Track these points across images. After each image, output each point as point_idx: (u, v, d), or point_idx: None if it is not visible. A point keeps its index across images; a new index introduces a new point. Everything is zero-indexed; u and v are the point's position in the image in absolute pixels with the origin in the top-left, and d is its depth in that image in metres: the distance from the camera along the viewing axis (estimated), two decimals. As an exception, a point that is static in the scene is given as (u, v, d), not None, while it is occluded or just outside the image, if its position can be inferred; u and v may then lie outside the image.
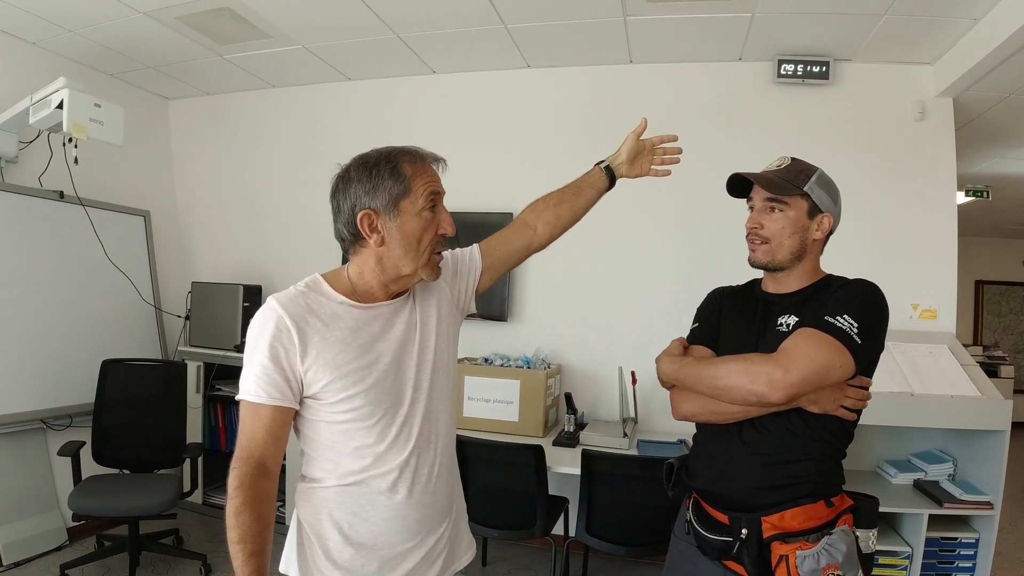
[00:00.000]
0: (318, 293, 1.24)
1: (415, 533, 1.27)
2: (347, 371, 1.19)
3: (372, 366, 1.22)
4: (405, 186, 1.21)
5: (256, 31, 3.39)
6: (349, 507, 1.22)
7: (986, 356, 7.44)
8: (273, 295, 1.22)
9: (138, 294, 3.95)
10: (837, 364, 1.32)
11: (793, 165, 1.49)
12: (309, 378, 1.18)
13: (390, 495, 1.23)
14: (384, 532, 1.23)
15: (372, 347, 1.24)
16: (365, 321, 1.25)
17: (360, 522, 1.22)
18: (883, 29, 3.00)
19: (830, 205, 1.48)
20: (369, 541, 1.23)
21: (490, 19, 3.19)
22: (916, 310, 3.29)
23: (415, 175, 1.22)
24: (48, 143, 3.44)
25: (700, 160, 3.52)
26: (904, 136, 3.34)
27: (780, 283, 1.53)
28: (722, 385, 1.39)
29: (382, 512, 1.23)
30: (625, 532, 2.72)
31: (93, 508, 3.00)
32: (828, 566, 1.30)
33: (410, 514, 1.26)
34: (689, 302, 1.77)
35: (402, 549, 1.25)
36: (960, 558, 2.80)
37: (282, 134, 4.36)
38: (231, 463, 1.16)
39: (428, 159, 1.27)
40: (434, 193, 1.24)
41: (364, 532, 1.23)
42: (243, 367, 1.20)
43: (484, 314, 3.75)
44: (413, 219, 1.22)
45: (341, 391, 1.19)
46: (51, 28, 3.35)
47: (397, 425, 1.24)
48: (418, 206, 1.22)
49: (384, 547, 1.24)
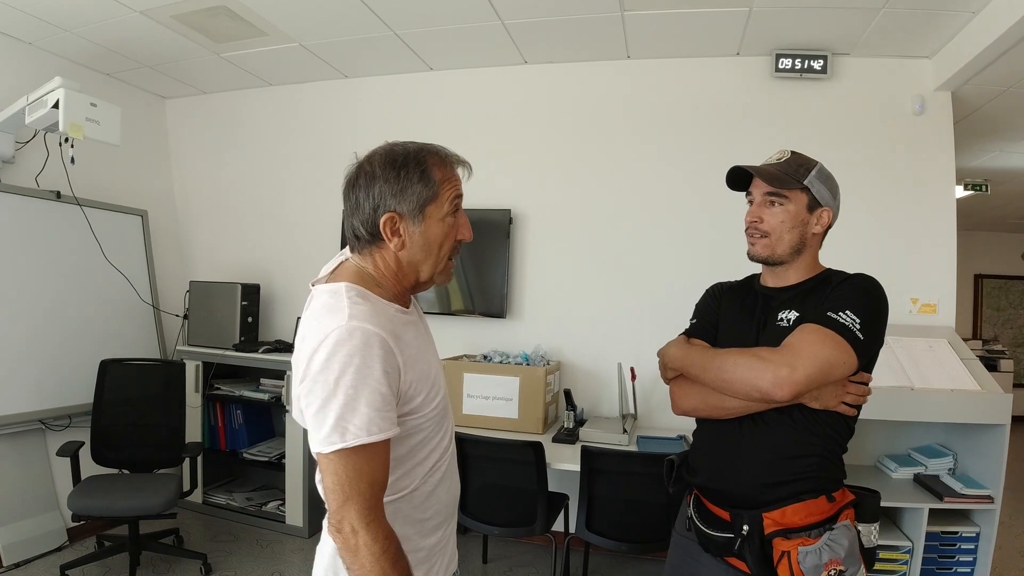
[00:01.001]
0: (376, 305, 1.13)
1: (439, 527, 1.27)
2: (430, 378, 1.18)
3: (434, 369, 1.22)
4: (434, 191, 1.14)
5: (253, 29, 3.38)
6: (414, 515, 1.21)
7: (985, 350, 7.44)
8: (347, 315, 1.05)
9: (136, 294, 3.94)
10: (841, 361, 1.32)
11: (793, 159, 1.48)
12: (409, 395, 1.12)
13: (439, 493, 1.24)
14: (427, 531, 1.23)
15: (425, 350, 1.22)
16: (411, 325, 1.22)
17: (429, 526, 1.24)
18: (881, 23, 2.99)
19: (829, 199, 1.47)
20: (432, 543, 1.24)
21: (487, 15, 3.18)
22: (915, 304, 3.28)
23: (443, 179, 1.16)
24: (45, 143, 3.42)
25: (698, 155, 3.54)
26: (903, 130, 3.33)
27: (779, 277, 1.52)
28: (728, 377, 1.38)
29: (429, 510, 1.23)
30: (625, 528, 2.72)
31: (93, 508, 2.99)
32: (830, 561, 1.30)
33: (444, 510, 1.28)
34: (689, 298, 1.76)
35: (431, 541, 1.25)
36: (961, 552, 2.80)
37: (279, 132, 4.35)
38: (345, 525, 1.01)
39: (455, 162, 1.21)
40: (458, 197, 1.20)
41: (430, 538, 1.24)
42: (332, 402, 1.01)
43: (483, 311, 3.75)
44: (437, 224, 1.16)
45: (432, 399, 1.18)
46: (47, 28, 3.34)
47: (447, 430, 1.27)
48: (443, 211, 1.16)
49: (417, 563, 1.20)
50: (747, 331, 1.50)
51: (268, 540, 3.66)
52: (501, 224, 3.73)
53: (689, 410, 1.54)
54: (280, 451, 3.87)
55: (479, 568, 3.44)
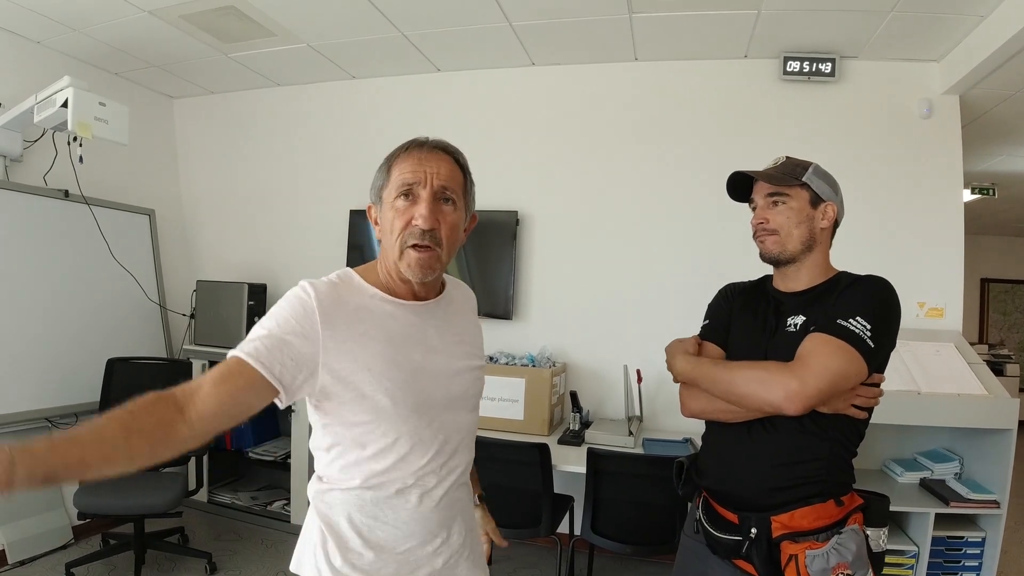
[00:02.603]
0: (348, 285, 1.22)
1: (434, 536, 1.24)
2: (372, 366, 1.15)
3: (399, 364, 1.18)
4: (386, 177, 1.23)
5: (261, 29, 3.39)
6: (369, 510, 1.19)
7: (992, 354, 7.41)
8: (306, 279, 1.18)
9: (143, 292, 3.96)
10: (852, 372, 1.32)
11: (788, 161, 1.52)
12: (329, 370, 1.13)
13: (410, 499, 1.20)
14: (403, 535, 1.20)
15: (403, 345, 1.20)
16: (396, 316, 1.22)
17: (380, 525, 1.19)
18: (889, 26, 2.99)
19: (831, 194, 1.49)
20: (389, 544, 1.20)
21: (495, 17, 3.18)
22: (922, 308, 3.27)
23: (395, 164, 1.22)
24: (53, 142, 3.44)
25: (706, 157, 3.54)
26: (910, 134, 3.32)
27: (790, 280, 1.52)
28: (738, 392, 1.39)
29: (402, 515, 1.20)
30: (630, 531, 2.71)
31: (98, 506, 3.00)
32: (838, 565, 1.30)
33: (430, 518, 1.23)
34: (695, 300, 1.76)
35: (421, 554, 1.22)
36: (966, 557, 2.79)
37: (286, 132, 4.36)
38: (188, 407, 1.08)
39: (415, 148, 1.22)
40: (407, 183, 1.19)
41: (382, 535, 1.20)
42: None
43: (489, 312, 3.75)
44: (388, 209, 1.21)
45: (365, 385, 1.14)
46: (56, 27, 3.36)
47: (422, 428, 1.20)
48: (392, 195, 1.20)
49: (403, 551, 1.21)
50: (759, 336, 1.50)
51: (273, 539, 3.67)
52: (508, 225, 3.73)
53: (698, 412, 1.54)
54: (286, 451, 3.88)
55: (483, 569, 3.44)
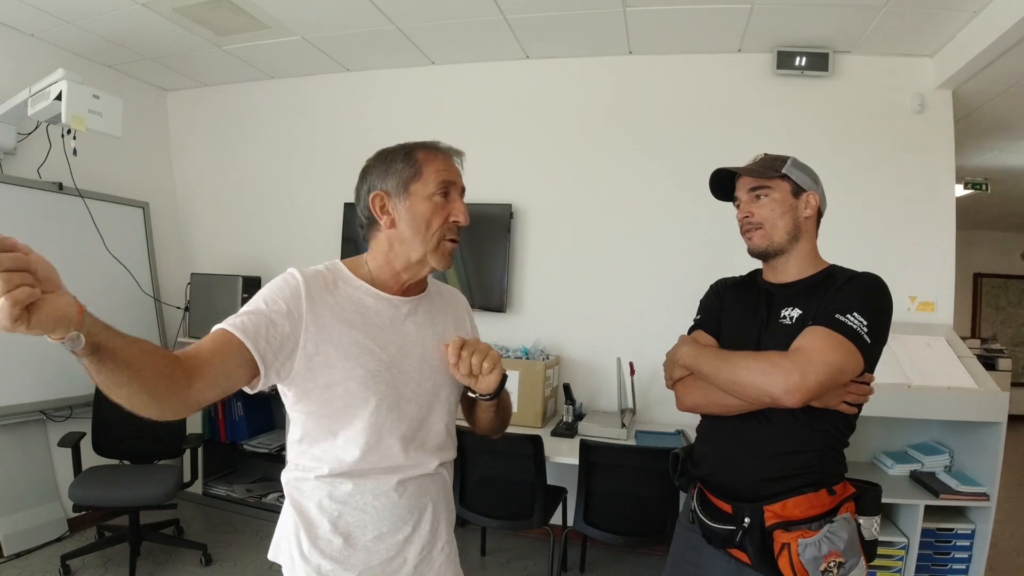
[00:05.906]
0: (336, 275, 1.25)
1: (403, 522, 1.25)
2: (348, 353, 1.17)
3: (375, 354, 1.20)
4: (416, 170, 1.23)
5: (255, 22, 3.38)
6: (339, 497, 1.21)
7: (984, 349, 7.46)
8: (295, 267, 1.21)
9: (137, 285, 3.95)
10: (850, 366, 1.34)
11: (766, 157, 1.56)
12: (308, 353, 1.14)
13: (379, 487, 1.22)
14: (372, 522, 1.22)
15: (380, 336, 1.22)
16: (379, 309, 1.25)
17: (349, 511, 1.21)
18: (883, 21, 2.99)
19: (811, 184, 1.52)
20: (357, 531, 1.21)
21: (489, 10, 3.18)
22: (914, 302, 3.29)
23: (427, 161, 1.24)
24: (47, 135, 3.43)
25: (698, 151, 3.54)
26: (903, 128, 3.34)
27: (780, 272, 1.53)
28: (739, 380, 1.39)
29: (371, 503, 1.21)
30: (623, 522, 2.73)
31: (93, 499, 3.01)
32: (829, 553, 1.32)
33: (400, 505, 1.24)
34: (687, 293, 1.77)
35: (391, 542, 1.23)
36: (956, 549, 2.82)
37: (281, 125, 4.35)
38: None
39: (443, 149, 1.28)
40: (446, 182, 1.24)
41: (352, 521, 1.21)
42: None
43: (483, 305, 3.76)
44: (422, 202, 1.22)
45: (339, 371, 1.16)
46: (49, 20, 3.34)
47: (392, 420, 1.22)
48: (428, 190, 1.23)
49: (371, 538, 1.22)
50: (750, 328, 1.51)
51: (267, 531, 3.64)
52: (502, 218, 3.74)
53: (692, 406, 1.56)
54: (280, 443, 3.89)
55: (477, 560, 3.46)
